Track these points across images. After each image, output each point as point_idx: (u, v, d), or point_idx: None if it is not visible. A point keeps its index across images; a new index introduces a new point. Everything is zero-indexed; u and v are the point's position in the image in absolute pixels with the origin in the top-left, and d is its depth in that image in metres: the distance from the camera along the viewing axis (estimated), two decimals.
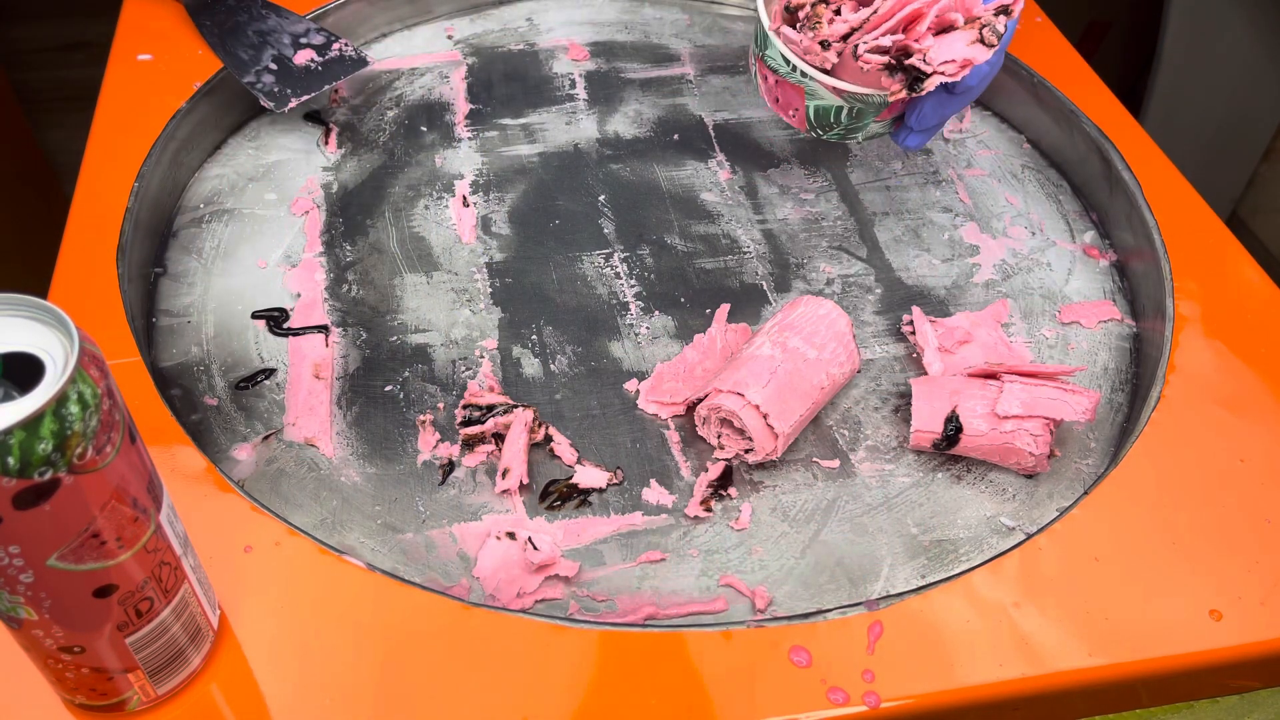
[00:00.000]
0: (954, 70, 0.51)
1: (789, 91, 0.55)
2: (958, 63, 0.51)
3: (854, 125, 0.55)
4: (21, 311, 0.32)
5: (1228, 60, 1.23)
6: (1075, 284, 0.63)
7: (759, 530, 0.50)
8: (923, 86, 0.51)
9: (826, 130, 0.56)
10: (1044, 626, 0.43)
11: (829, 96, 0.53)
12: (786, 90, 0.55)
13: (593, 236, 0.65)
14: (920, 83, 0.51)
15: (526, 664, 0.41)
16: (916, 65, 0.51)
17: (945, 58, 0.51)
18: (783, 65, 0.53)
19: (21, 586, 0.33)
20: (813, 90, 0.53)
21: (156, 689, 0.39)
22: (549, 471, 0.53)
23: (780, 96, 0.56)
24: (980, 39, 0.51)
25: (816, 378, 0.52)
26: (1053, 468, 0.53)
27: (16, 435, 0.29)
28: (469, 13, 0.83)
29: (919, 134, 0.56)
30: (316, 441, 0.53)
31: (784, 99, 0.56)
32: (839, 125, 0.55)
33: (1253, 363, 0.55)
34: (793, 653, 0.42)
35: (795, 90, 0.54)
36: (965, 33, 0.52)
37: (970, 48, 0.51)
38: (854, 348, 0.54)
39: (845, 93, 0.53)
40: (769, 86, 0.56)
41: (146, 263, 0.61)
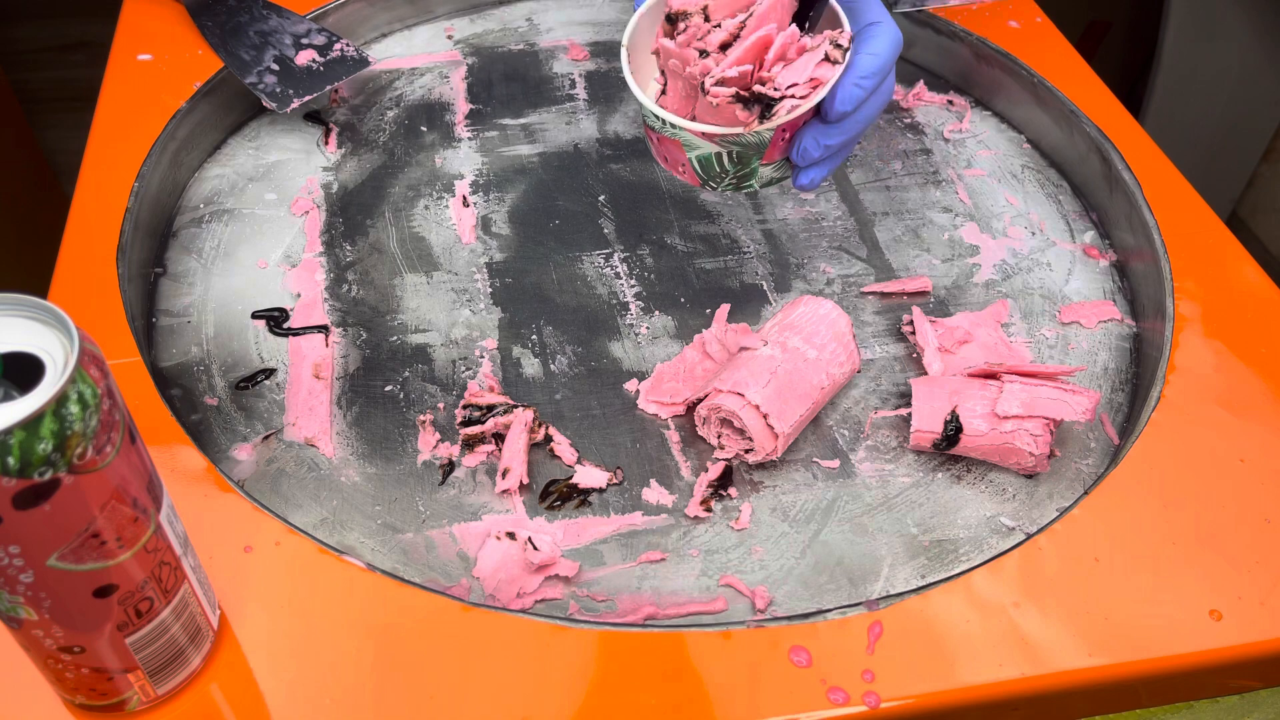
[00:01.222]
0: (804, 91, 0.50)
1: (670, 147, 0.53)
2: (805, 84, 0.50)
3: (742, 171, 0.53)
4: (21, 311, 0.32)
5: (1228, 60, 1.23)
6: (1075, 284, 0.63)
7: (759, 530, 0.50)
8: (773, 112, 0.50)
9: (718, 181, 0.54)
10: (1044, 626, 0.43)
11: (703, 144, 0.51)
12: (669, 146, 0.53)
13: (593, 236, 0.65)
14: (770, 110, 0.50)
15: (526, 664, 0.41)
16: (764, 92, 0.49)
17: (792, 80, 0.50)
18: (655, 121, 0.52)
19: (21, 586, 0.33)
20: (687, 140, 0.51)
21: (156, 689, 0.39)
22: (549, 471, 0.53)
23: (667, 155, 0.54)
24: (826, 57, 0.50)
25: (817, 378, 0.52)
26: (1053, 468, 0.53)
27: (16, 435, 0.29)
28: (469, 13, 0.83)
29: (808, 170, 0.53)
30: (316, 441, 0.53)
31: (670, 157, 0.54)
32: (726, 174, 0.53)
33: (1253, 363, 0.55)
34: (793, 653, 0.42)
35: (674, 144, 0.52)
36: (812, 54, 0.51)
37: (818, 67, 0.50)
38: (854, 348, 0.54)
39: (713, 136, 0.51)
40: (655, 147, 0.55)
41: (146, 263, 0.61)
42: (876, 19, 0.52)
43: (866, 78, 0.51)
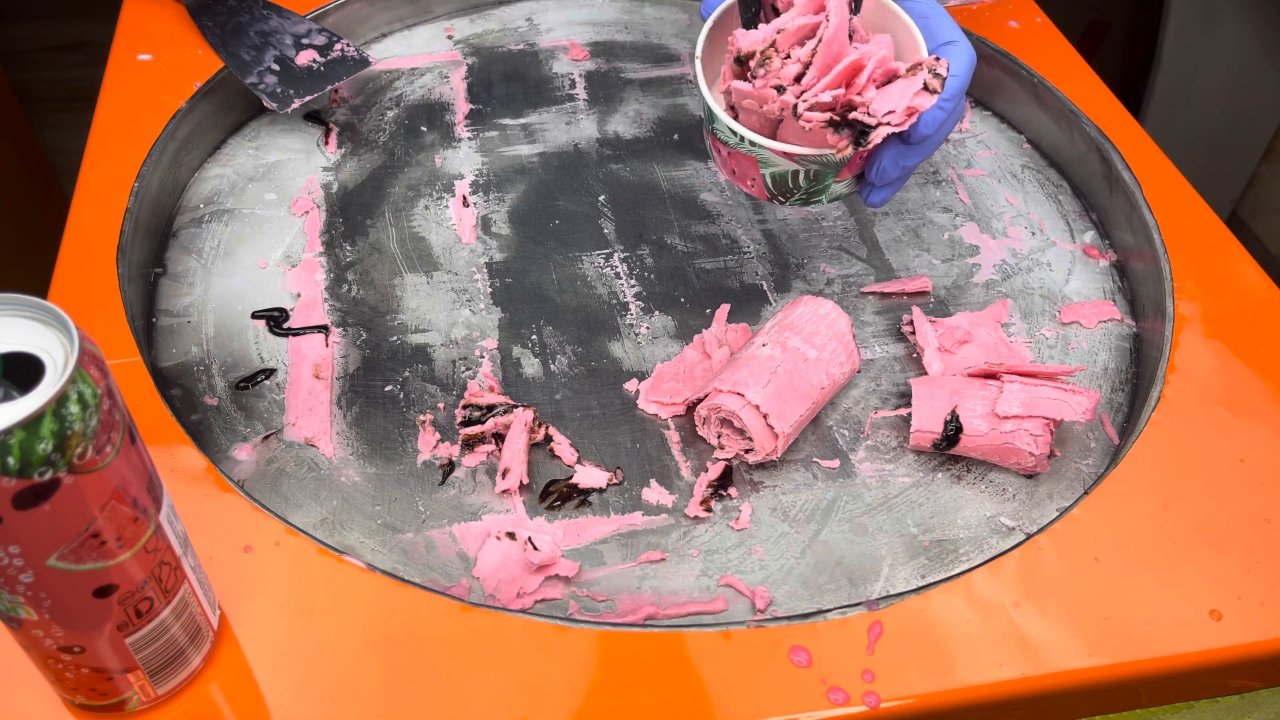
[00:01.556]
0: (899, 120, 0.49)
1: (743, 163, 0.53)
2: (901, 112, 0.49)
3: (815, 188, 0.53)
4: (21, 311, 0.32)
5: (1227, 60, 1.23)
6: (1075, 284, 0.63)
7: (759, 530, 0.50)
8: (869, 140, 0.49)
9: (788, 196, 0.54)
10: (1044, 626, 0.43)
11: (782, 162, 0.51)
12: (741, 161, 0.53)
13: (593, 236, 0.65)
14: (866, 136, 0.49)
15: (526, 664, 0.41)
16: (860, 119, 0.49)
17: (889, 108, 0.49)
18: (731, 137, 0.52)
19: (21, 586, 0.33)
20: (765, 158, 0.51)
21: (156, 689, 0.39)
22: (549, 471, 0.53)
23: (736, 169, 0.54)
24: (925, 86, 0.50)
25: (817, 378, 0.52)
26: (1053, 468, 0.53)
27: (16, 435, 0.29)
28: (469, 13, 0.83)
29: (882, 189, 0.53)
30: (316, 441, 0.53)
31: (740, 170, 0.54)
32: (799, 190, 0.53)
33: (1253, 363, 0.55)
34: (793, 653, 0.42)
35: (749, 160, 0.52)
36: (908, 80, 0.50)
37: (916, 96, 0.50)
38: (854, 348, 0.54)
39: (795, 156, 0.51)
40: (723, 160, 0.55)
41: (146, 263, 0.61)
42: (953, 38, 0.52)
43: (949, 100, 0.50)
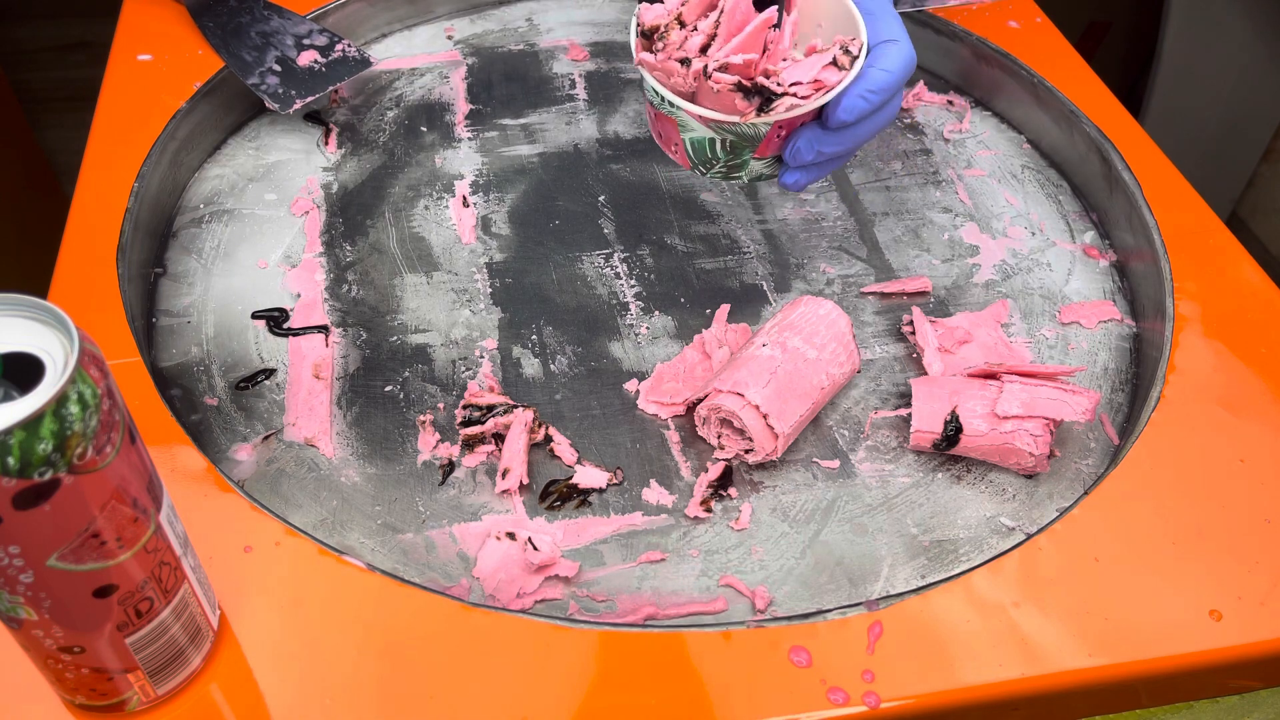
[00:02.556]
0: (805, 92, 0.50)
1: (667, 125, 0.53)
2: (808, 84, 0.50)
3: (733, 161, 0.54)
4: (21, 311, 0.32)
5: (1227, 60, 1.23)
6: (1075, 284, 0.63)
7: (759, 530, 0.50)
8: (772, 107, 0.50)
9: (708, 167, 0.54)
10: (1044, 626, 0.43)
11: (699, 127, 0.52)
12: (665, 124, 0.53)
13: (593, 236, 0.65)
14: (770, 104, 0.50)
15: (526, 664, 0.41)
16: (765, 85, 0.49)
17: (796, 79, 0.50)
18: (654, 97, 0.52)
19: (21, 586, 0.33)
20: (683, 121, 0.52)
21: (156, 689, 0.39)
22: (549, 471, 0.53)
23: (662, 131, 0.55)
24: (833, 62, 0.50)
25: (816, 378, 0.52)
26: (1053, 468, 0.53)
27: (16, 435, 0.29)
28: (469, 13, 0.83)
29: (796, 171, 0.54)
30: (316, 441, 0.53)
31: (665, 134, 0.54)
32: (718, 161, 0.54)
33: (1253, 363, 0.55)
34: (793, 653, 0.42)
35: (670, 123, 0.53)
36: (821, 56, 0.51)
37: (823, 70, 0.50)
38: (854, 348, 0.54)
39: (711, 121, 0.51)
40: (652, 122, 0.55)
41: (146, 263, 0.61)
42: (894, 36, 0.52)
43: (874, 92, 0.51)
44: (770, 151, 0.53)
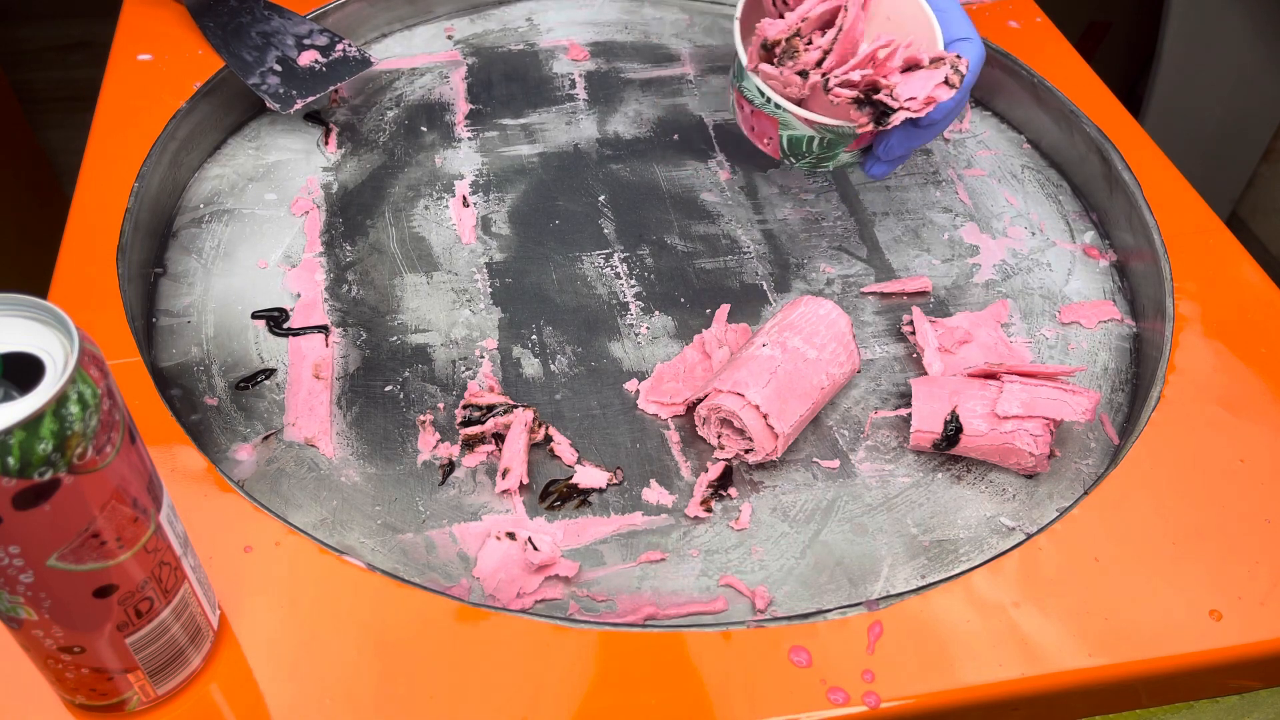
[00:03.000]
0: (918, 107, 0.53)
1: (764, 121, 0.57)
2: (922, 100, 0.53)
3: (825, 154, 0.57)
4: (21, 311, 0.32)
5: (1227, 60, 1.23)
6: (1075, 284, 0.63)
7: (759, 530, 0.50)
8: (889, 121, 0.54)
9: (799, 158, 0.58)
10: (1044, 626, 0.43)
11: (801, 127, 0.56)
12: (761, 120, 0.57)
13: (593, 236, 0.65)
14: (887, 117, 0.54)
15: (526, 664, 0.41)
16: (884, 100, 0.53)
17: (910, 94, 0.53)
18: (758, 97, 0.56)
19: (21, 586, 0.33)
20: (786, 121, 0.56)
21: (156, 689, 0.39)
22: (549, 471, 0.53)
23: (755, 125, 0.58)
24: (945, 80, 0.54)
25: (816, 378, 0.52)
26: (1053, 468, 0.53)
27: (16, 435, 0.29)
28: (469, 13, 0.83)
29: (885, 164, 0.58)
30: (316, 441, 0.53)
31: (759, 128, 0.58)
32: (810, 154, 0.58)
33: (1253, 363, 0.55)
34: (793, 653, 0.42)
35: (770, 121, 0.57)
36: (931, 72, 0.54)
37: (936, 88, 0.54)
38: (854, 348, 0.54)
39: (816, 124, 0.55)
40: (745, 116, 0.59)
41: (146, 263, 0.61)
42: (967, 35, 0.57)
43: (961, 92, 0.55)
44: (859, 145, 0.58)
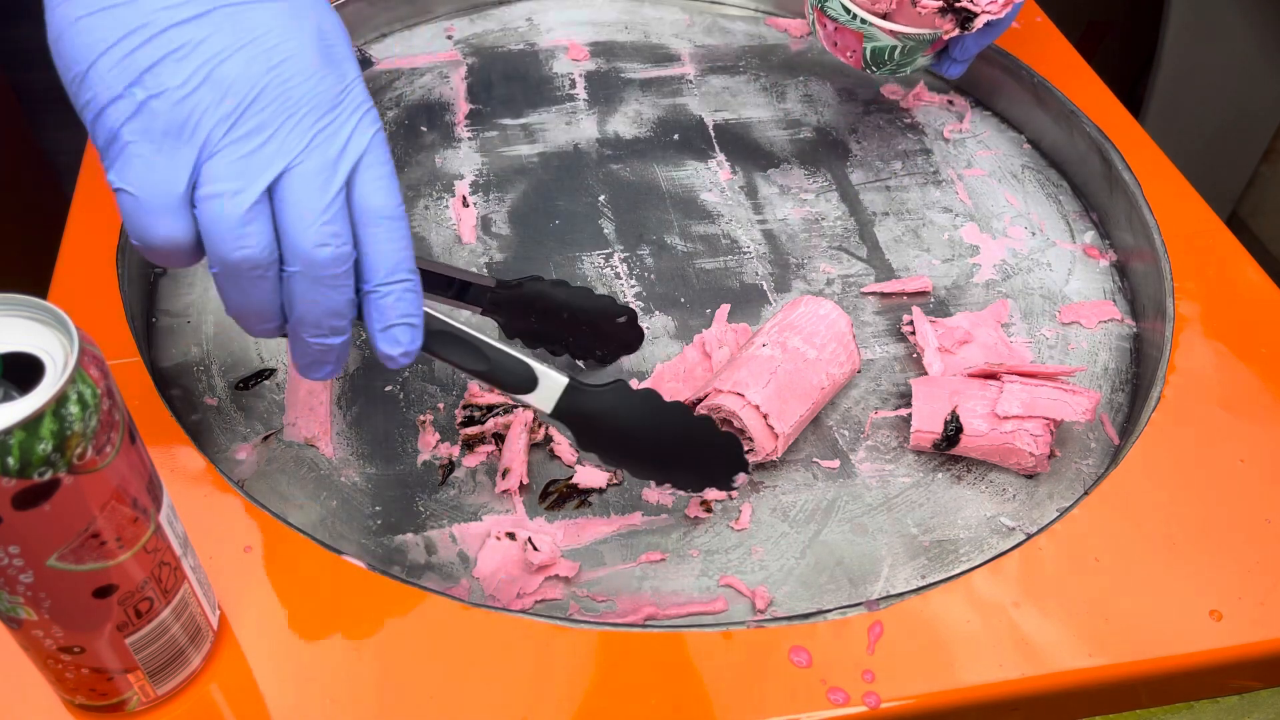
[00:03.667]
0: (998, 10, 0.60)
1: (848, 36, 0.62)
2: (1001, 3, 0.60)
3: (905, 61, 0.63)
4: (21, 311, 0.32)
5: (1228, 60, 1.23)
6: (1075, 284, 0.63)
7: (759, 530, 0.50)
8: (972, 25, 0.60)
9: (880, 67, 0.64)
10: (1044, 627, 0.43)
11: (885, 38, 0.61)
12: (845, 35, 0.63)
13: (593, 236, 0.65)
14: (970, 21, 0.60)
15: (526, 664, 0.41)
16: (967, 6, 0.60)
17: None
18: (843, 14, 0.61)
19: (21, 587, 0.33)
20: (871, 34, 0.61)
21: (156, 689, 0.39)
22: (549, 471, 0.53)
23: (839, 41, 0.63)
24: None
25: (816, 378, 0.52)
26: (1053, 468, 0.53)
27: (16, 435, 0.29)
28: (469, 12, 0.83)
29: (961, 63, 0.64)
30: (316, 442, 0.53)
31: (842, 43, 0.63)
32: (892, 62, 0.63)
33: (1253, 363, 0.55)
34: (793, 653, 0.42)
35: (854, 35, 0.62)
36: None
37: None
38: (854, 348, 0.54)
39: (900, 34, 0.61)
40: (828, 33, 0.64)
41: (146, 263, 0.61)
42: None
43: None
44: (934, 50, 0.63)
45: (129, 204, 0.36)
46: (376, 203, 0.38)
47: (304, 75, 0.37)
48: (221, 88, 0.35)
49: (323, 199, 0.37)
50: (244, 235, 0.36)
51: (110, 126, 0.35)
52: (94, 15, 0.35)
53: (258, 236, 0.36)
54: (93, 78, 0.35)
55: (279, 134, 0.36)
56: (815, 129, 0.74)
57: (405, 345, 0.40)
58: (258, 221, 0.36)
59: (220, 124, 0.35)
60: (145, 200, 0.36)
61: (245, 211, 0.36)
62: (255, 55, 0.36)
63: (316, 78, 0.37)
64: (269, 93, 0.36)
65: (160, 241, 0.36)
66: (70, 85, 0.36)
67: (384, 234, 0.38)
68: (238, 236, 0.36)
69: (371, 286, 0.39)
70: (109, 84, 0.35)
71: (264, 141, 0.36)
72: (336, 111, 0.37)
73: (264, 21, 0.36)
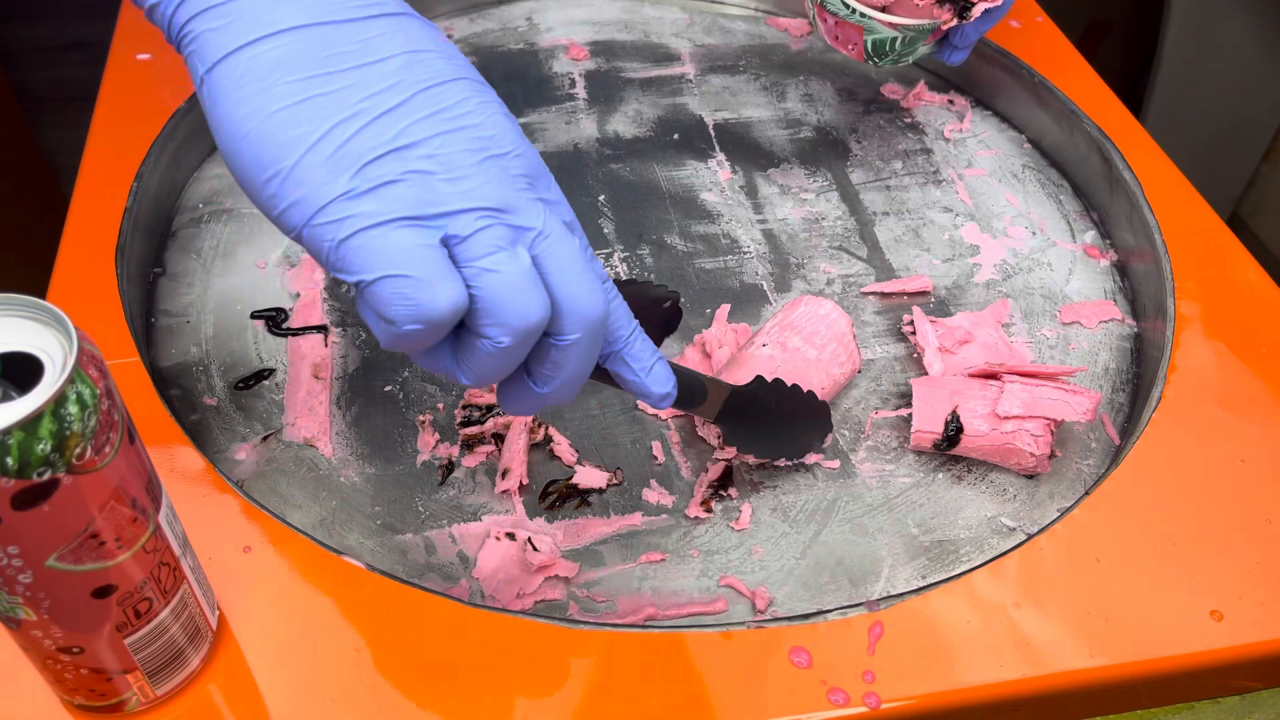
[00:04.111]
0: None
1: (848, 30, 0.63)
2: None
3: (906, 51, 0.63)
4: (20, 311, 0.32)
5: (1228, 60, 1.23)
6: (1076, 284, 0.63)
7: (759, 531, 0.50)
8: (970, 14, 0.60)
9: (883, 58, 0.64)
10: (1044, 627, 0.43)
11: (885, 30, 0.61)
12: (846, 29, 0.63)
13: (593, 236, 0.65)
14: (969, 10, 0.61)
15: (526, 664, 0.41)
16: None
17: None
18: (842, 9, 0.61)
19: (20, 587, 0.33)
20: (871, 27, 0.61)
21: (155, 690, 0.39)
22: (549, 471, 0.52)
23: (840, 35, 0.64)
24: None
25: (817, 378, 0.52)
26: (1053, 468, 0.53)
27: (15, 435, 0.29)
28: (469, 12, 0.83)
29: (962, 50, 0.64)
30: (316, 442, 0.53)
31: (843, 37, 0.64)
32: (893, 53, 0.63)
33: (1253, 363, 0.54)
34: (793, 653, 0.42)
35: (854, 29, 0.62)
36: None
37: None
38: (854, 348, 0.54)
39: (900, 25, 0.61)
40: (829, 28, 0.64)
41: (146, 263, 0.61)
42: None
43: None
44: (935, 39, 0.63)
45: (402, 286, 0.33)
46: (597, 269, 0.37)
47: (516, 150, 0.36)
48: (451, 170, 0.34)
49: (582, 258, 0.36)
50: (530, 299, 0.34)
51: (340, 218, 0.33)
52: (293, 107, 0.33)
53: (540, 299, 0.34)
54: (301, 174, 0.33)
55: (519, 207, 0.35)
56: (815, 128, 0.74)
57: (670, 378, 0.41)
58: (537, 286, 0.34)
59: (460, 198, 0.34)
60: (420, 276, 0.33)
61: (526, 273, 0.34)
62: (471, 137, 0.35)
63: (527, 152, 0.36)
64: (489, 168, 0.34)
65: (448, 310, 0.33)
66: (264, 185, 0.34)
67: (614, 296, 0.39)
68: (525, 301, 0.34)
69: (622, 343, 0.39)
70: (325, 178, 0.33)
71: (512, 210, 0.34)
72: (546, 181, 0.37)
73: (461, 101, 0.35)
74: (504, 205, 0.34)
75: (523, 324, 0.34)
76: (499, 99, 0.37)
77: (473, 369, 0.35)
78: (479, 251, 0.34)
